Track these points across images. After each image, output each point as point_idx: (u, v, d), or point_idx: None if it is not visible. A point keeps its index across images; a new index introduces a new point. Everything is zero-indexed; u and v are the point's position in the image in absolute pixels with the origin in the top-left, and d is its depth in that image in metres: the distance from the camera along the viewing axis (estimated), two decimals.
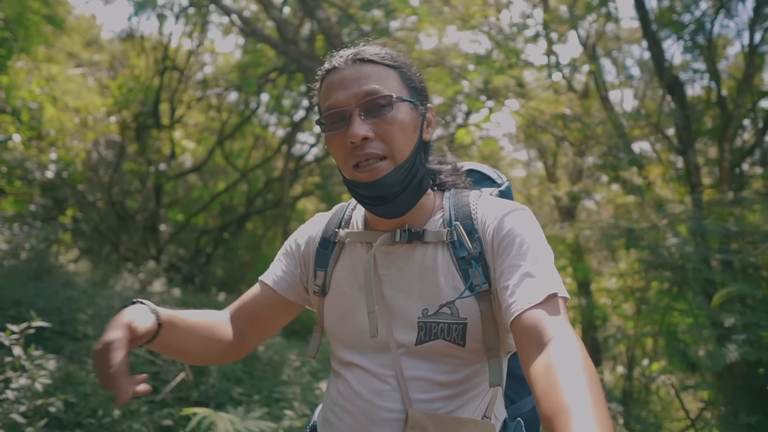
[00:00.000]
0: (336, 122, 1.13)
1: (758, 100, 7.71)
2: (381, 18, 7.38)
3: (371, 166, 1.11)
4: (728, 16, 6.93)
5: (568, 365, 0.87)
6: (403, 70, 1.19)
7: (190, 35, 11.77)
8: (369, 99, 1.10)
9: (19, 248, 7.01)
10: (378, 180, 1.11)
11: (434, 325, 1.14)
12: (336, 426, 1.21)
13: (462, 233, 1.16)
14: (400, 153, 1.12)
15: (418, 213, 1.22)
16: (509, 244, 1.10)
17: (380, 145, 1.11)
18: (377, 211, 1.18)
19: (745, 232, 5.58)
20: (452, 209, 1.21)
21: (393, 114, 1.11)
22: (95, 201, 10.46)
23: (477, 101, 7.07)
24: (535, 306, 0.99)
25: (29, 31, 8.08)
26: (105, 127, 10.65)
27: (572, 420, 0.76)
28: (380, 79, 1.13)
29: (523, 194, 13.19)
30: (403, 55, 1.24)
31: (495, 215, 1.16)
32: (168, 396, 4.24)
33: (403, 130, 1.12)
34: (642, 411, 6.26)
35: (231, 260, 14.67)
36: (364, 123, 1.10)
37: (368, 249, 1.23)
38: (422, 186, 1.19)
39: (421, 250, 1.19)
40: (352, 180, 1.14)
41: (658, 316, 6.14)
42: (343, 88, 1.12)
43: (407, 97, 1.16)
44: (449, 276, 1.15)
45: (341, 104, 1.12)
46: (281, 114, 13.04)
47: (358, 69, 1.14)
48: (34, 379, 2.66)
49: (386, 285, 1.21)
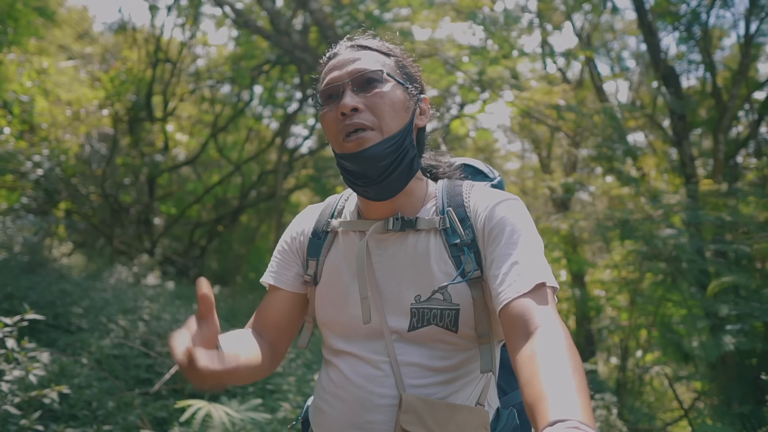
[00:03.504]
0: (330, 98, 1.18)
1: (753, 91, 7.72)
2: (375, 9, 7.34)
3: (358, 135, 1.13)
4: (724, 7, 6.93)
5: (551, 353, 0.87)
6: (398, 58, 1.25)
7: (183, 27, 11.69)
8: (360, 74, 1.16)
9: (12, 241, 6.97)
10: (364, 150, 1.12)
11: (427, 311, 1.15)
12: (328, 414, 1.21)
13: (455, 219, 1.17)
14: (388, 126, 1.15)
15: (411, 201, 1.23)
16: (500, 232, 1.11)
17: (369, 116, 1.14)
18: (368, 194, 1.19)
19: (739, 223, 5.60)
20: (445, 197, 1.23)
21: (382, 89, 1.16)
22: (88, 194, 10.40)
23: (471, 92, 7.06)
24: (523, 295, 1.00)
25: (20, 23, 8.01)
26: (97, 120, 10.59)
27: (552, 407, 0.76)
28: (374, 61, 1.19)
29: (517, 186, 13.21)
30: (401, 47, 1.30)
31: (487, 204, 1.17)
32: (163, 388, 4.24)
33: (392, 105, 1.16)
34: (636, 401, 6.29)
35: (225, 253, 14.66)
36: (355, 96, 1.15)
37: (361, 237, 1.24)
38: (412, 168, 1.20)
39: (414, 237, 1.19)
40: (341, 153, 1.17)
41: (652, 307, 6.16)
42: (338, 68, 1.19)
43: (399, 78, 1.20)
44: (441, 262, 1.16)
45: (335, 81, 1.17)
46: (275, 106, 13.01)
47: (354, 52, 1.21)
48: (27, 371, 2.65)
49: (379, 272, 1.21)
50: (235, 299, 10.18)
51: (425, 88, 1.30)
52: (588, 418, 0.74)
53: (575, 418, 0.73)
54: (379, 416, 1.14)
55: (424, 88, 1.29)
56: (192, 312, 6.30)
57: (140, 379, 4.51)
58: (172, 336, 0.98)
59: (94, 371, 4.12)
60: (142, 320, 5.58)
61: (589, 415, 0.75)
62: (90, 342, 4.67)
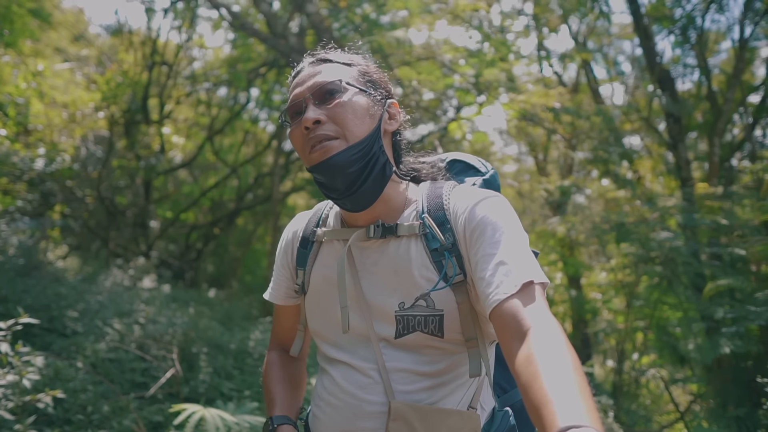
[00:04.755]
0: (297, 114, 1.19)
1: (748, 95, 7.75)
2: (371, 12, 7.34)
3: (322, 145, 1.13)
4: (719, 11, 6.96)
5: (548, 354, 0.86)
6: (360, 66, 1.25)
7: (179, 30, 11.68)
8: (319, 87, 1.17)
9: (7, 244, 6.94)
10: (330, 158, 1.12)
11: (411, 318, 1.15)
12: (321, 420, 1.22)
13: (432, 225, 1.16)
14: (352, 134, 1.14)
15: (390, 207, 1.22)
16: (482, 232, 1.09)
17: (332, 126, 1.14)
18: (344, 205, 1.19)
19: (734, 226, 5.62)
20: (425, 201, 1.21)
21: (342, 98, 1.16)
22: (84, 197, 10.37)
23: (468, 94, 7.06)
24: (511, 296, 0.98)
25: (15, 25, 7.99)
26: (93, 123, 10.55)
27: (559, 411, 0.75)
28: (333, 73, 1.20)
29: (514, 189, 13.21)
30: (365, 55, 1.31)
31: (466, 205, 1.15)
32: (158, 392, 4.22)
33: (354, 113, 1.16)
34: (632, 404, 6.30)
35: (221, 256, 14.64)
36: (317, 108, 1.16)
37: (344, 246, 1.23)
38: (385, 174, 1.19)
39: (395, 244, 1.19)
40: (311, 167, 1.17)
41: (648, 310, 6.17)
42: (300, 85, 1.21)
43: (360, 86, 1.20)
44: (423, 268, 1.15)
45: (298, 97, 1.19)
46: (271, 109, 12.97)
47: (315, 67, 1.23)
48: (21, 375, 2.63)
49: (363, 280, 1.21)
50: (231, 302, 10.16)
51: (392, 93, 1.29)
52: (595, 420, 0.74)
53: (585, 423, 0.72)
54: (369, 423, 1.14)
55: (391, 93, 1.28)
56: (187, 315, 6.28)
57: (135, 382, 4.49)
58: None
59: (90, 375, 4.10)
60: (137, 324, 5.57)
61: (596, 416, 0.75)
62: (85, 345, 4.65)
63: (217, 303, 9.29)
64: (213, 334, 5.91)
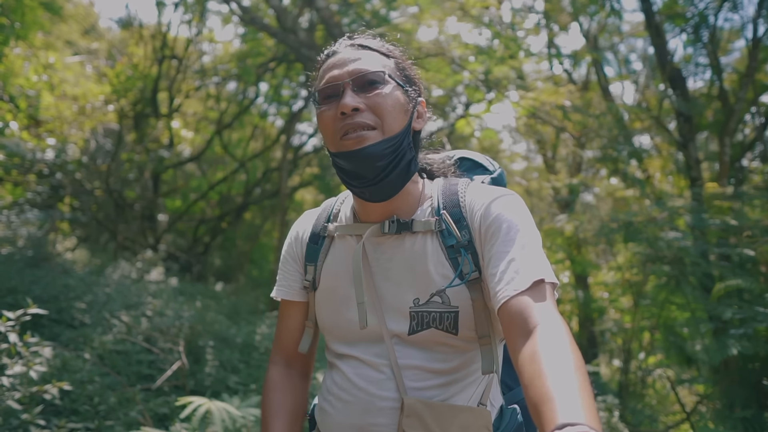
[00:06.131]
0: (329, 96, 1.16)
1: (761, 95, 7.69)
2: (381, 7, 7.33)
3: (358, 134, 1.11)
4: (733, 10, 6.89)
5: (553, 352, 0.86)
6: (398, 60, 1.24)
7: (189, 24, 11.70)
8: (362, 75, 1.14)
9: (17, 235, 6.99)
10: (364, 148, 1.11)
11: (426, 315, 1.15)
12: (331, 415, 1.22)
13: (449, 222, 1.16)
14: (390, 127, 1.13)
15: (407, 202, 1.22)
16: (496, 230, 1.09)
17: (371, 116, 1.13)
18: (364, 194, 1.18)
19: (744, 226, 5.57)
20: (440, 198, 1.21)
21: (384, 90, 1.14)
22: (93, 190, 10.42)
23: (477, 91, 7.04)
24: (521, 293, 0.98)
25: (26, 17, 8.01)
26: (103, 116, 10.59)
27: (559, 408, 0.75)
28: (375, 62, 1.18)
29: (522, 186, 13.16)
30: (401, 49, 1.29)
31: (482, 202, 1.15)
32: (165, 384, 4.24)
33: (393, 106, 1.15)
34: (638, 404, 6.27)
35: (229, 250, 14.68)
36: (356, 96, 1.13)
37: (358, 241, 1.23)
38: (410, 169, 1.19)
39: (411, 240, 1.19)
40: (337, 152, 1.15)
41: (655, 310, 6.14)
42: (338, 67, 1.17)
43: (399, 80, 1.19)
44: (439, 265, 1.15)
45: (335, 80, 1.15)
46: (280, 104, 13.00)
47: (354, 52, 1.20)
48: (29, 366, 2.65)
49: (377, 276, 1.21)
50: (239, 296, 10.20)
51: (423, 92, 1.29)
52: (593, 419, 0.74)
53: (581, 421, 0.72)
54: (381, 419, 1.14)
55: (422, 91, 1.28)
56: (194, 308, 6.31)
57: (142, 375, 4.52)
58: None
59: (96, 366, 4.13)
60: (144, 316, 5.60)
61: (595, 416, 0.75)
62: (92, 337, 4.68)
63: (224, 297, 9.33)
64: (219, 327, 5.93)
